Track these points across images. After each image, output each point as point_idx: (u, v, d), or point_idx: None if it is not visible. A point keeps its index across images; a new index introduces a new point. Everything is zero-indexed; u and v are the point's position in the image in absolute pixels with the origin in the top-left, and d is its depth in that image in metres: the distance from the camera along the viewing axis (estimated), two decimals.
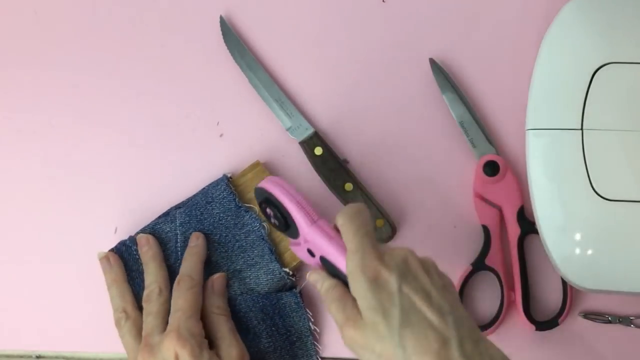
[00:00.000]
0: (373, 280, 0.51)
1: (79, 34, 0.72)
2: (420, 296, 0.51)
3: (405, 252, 0.53)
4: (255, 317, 0.64)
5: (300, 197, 0.58)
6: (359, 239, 0.53)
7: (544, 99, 0.63)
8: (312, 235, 0.57)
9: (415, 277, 0.52)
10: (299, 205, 0.57)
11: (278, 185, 0.58)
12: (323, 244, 0.56)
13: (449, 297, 0.52)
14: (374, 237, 0.54)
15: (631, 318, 0.65)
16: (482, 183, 0.66)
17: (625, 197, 0.60)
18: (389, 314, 0.50)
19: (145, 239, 0.65)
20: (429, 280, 0.52)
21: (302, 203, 0.58)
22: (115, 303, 0.64)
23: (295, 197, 0.58)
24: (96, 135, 0.71)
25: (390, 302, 0.51)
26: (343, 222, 0.55)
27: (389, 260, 0.52)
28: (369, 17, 0.70)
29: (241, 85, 0.70)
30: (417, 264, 0.53)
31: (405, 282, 0.51)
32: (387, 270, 0.51)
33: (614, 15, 0.63)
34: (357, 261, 0.52)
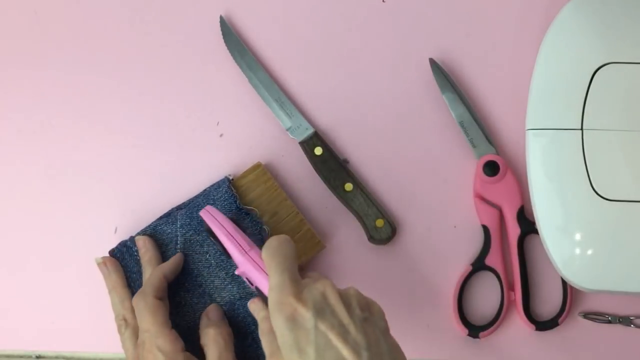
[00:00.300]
0: (290, 318, 0.51)
1: (79, 34, 0.72)
2: (336, 332, 0.50)
3: (324, 286, 0.53)
4: (253, 322, 0.64)
5: (231, 228, 0.59)
6: (278, 275, 0.53)
7: (544, 99, 0.63)
8: (244, 266, 0.58)
9: (333, 312, 0.51)
10: (229, 236, 0.59)
11: (211, 216, 0.60)
12: (254, 275, 0.58)
13: (369, 330, 0.51)
14: (295, 271, 0.54)
15: (631, 318, 0.65)
16: (482, 183, 0.66)
17: (625, 197, 0.60)
18: (305, 352, 0.50)
19: (143, 241, 0.65)
20: (347, 315, 0.51)
21: (233, 233, 0.59)
22: (115, 310, 0.64)
23: (226, 227, 0.59)
24: (96, 135, 0.71)
25: (306, 340, 0.50)
26: (265, 257, 0.55)
27: (307, 296, 0.52)
28: (369, 17, 0.70)
29: (241, 85, 0.70)
30: (335, 298, 0.52)
31: (322, 319, 0.51)
32: (304, 307, 0.51)
33: (614, 15, 0.63)
34: (275, 298, 0.52)
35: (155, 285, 0.61)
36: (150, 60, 0.71)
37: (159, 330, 0.59)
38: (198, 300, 0.64)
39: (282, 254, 0.55)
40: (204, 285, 0.64)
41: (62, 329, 0.69)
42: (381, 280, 0.67)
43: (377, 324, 0.52)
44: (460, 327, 0.66)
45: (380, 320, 0.53)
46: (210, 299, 0.64)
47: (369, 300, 0.54)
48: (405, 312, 0.67)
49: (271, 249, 0.55)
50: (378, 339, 0.51)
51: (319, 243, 0.66)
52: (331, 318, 0.51)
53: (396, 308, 0.67)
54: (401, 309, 0.67)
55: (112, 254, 0.66)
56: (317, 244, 0.66)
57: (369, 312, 0.53)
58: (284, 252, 0.55)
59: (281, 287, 0.52)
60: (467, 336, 0.65)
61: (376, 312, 0.53)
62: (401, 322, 0.66)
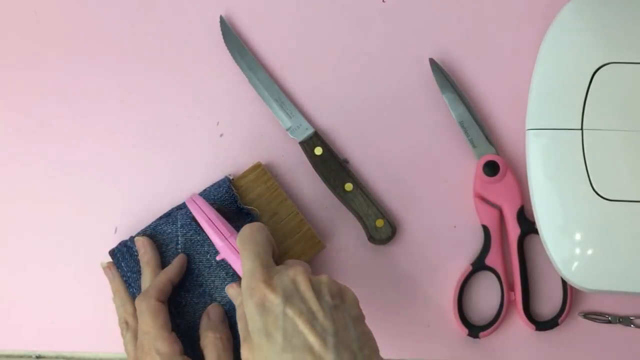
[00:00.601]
0: (259, 303, 0.52)
1: (79, 34, 0.72)
2: (304, 318, 0.51)
3: (296, 272, 0.53)
4: None
5: (213, 215, 0.60)
6: (250, 261, 0.54)
7: (544, 99, 0.63)
8: (224, 251, 0.59)
9: (302, 298, 0.52)
10: (210, 222, 0.60)
11: (194, 203, 0.61)
12: (232, 261, 0.59)
13: (338, 317, 0.52)
14: (267, 257, 0.55)
15: (631, 318, 0.65)
16: (482, 183, 0.66)
17: (625, 197, 0.60)
18: (273, 337, 0.51)
19: (141, 242, 0.65)
20: (316, 301, 0.52)
21: (214, 220, 0.60)
22: (118, 313, 0.64)
23: (208, 214, 0.61)
24: (96, 135, 0.71)
25: (274, 325, 0.51)
26: (238, 245, 0.56)
27: (277, 282, 0.53)
28: (369, 17, 0.70)
29: (241, 85, 0.70)
30: (306, 284, 0.53)
31: (290, 305, 0.52)
32: (273, 292, 0.52)
33: (614, 15, 0.63)
34: (246, 284, 0.53)
35: (159, 288, 0.61)
36: (150, 60, 0.71)
37: (159, 333, 0.59)
38: (198, 300, 0.64)
39: (254, 241, 0.55)
40: (205, 285, 0.64)
41: (62, 329, 0.69)
42: (381, 280, 0.67)
43: (348, 311, 0.53)
44: (460, 327, 0.66)
45: (353, 308, 0.53)
46: (210, 299, 0.64)
47: (342, 288, 0.54)
48: (405, 312, 0.67)
49: (244, 236, 0.56)
50: (347, 326, 0.52)
51: (319, 243, 0.66)
52: (300, 304, 0.52)
53: (396, 308, 0.67)
54: (401, 309, 0.67)
55: (112, 254, 0.66)
56: (317, 244, 0.66)
57: (340, 299, 0.53)
58: (256, 239, 0.56)
59: (252, 272, 0.53)
60: (467, 336, 0.65)
61: (348, 300, 0.54)
62: (401, 322, 0.66)
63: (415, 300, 0.67)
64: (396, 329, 0.67)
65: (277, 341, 0.51)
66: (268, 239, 0.57)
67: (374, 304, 0.67)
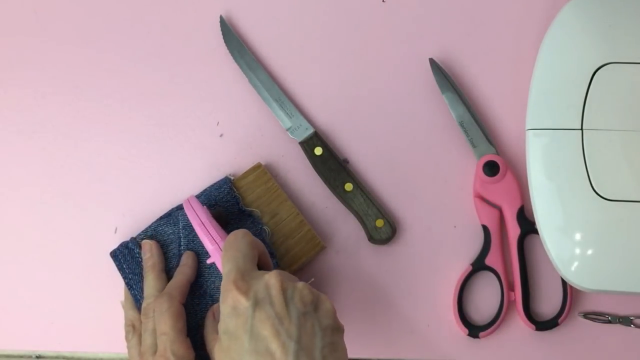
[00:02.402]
0: (231, 305, 0.53)
1: (79, 33, 0.72)
2: (270, 323, 0.52)
3: (270, 278, 0.54)
4: None
5: (205, 218, 0.61)
6: (227, 266, 0.55)
7: (544, 99, 0.63)
8: (213, 255, 0.60)
9: (272, 303, 0.53)
10: (201, 226, 0.60)
11: (189, 205, 0.62)
12: (219, 265, 0.59)
13: (307, 324, 0.52)
14: (245, 263, 0.55)
15: (631, 318, 0.65)
16: (482, 183, 0.66)
17: (625, 197, 0.60)
18: (240, 340, 0.52)
19: (149, 245, 0.65)
20: (284, 307, 0.52)
21: (206, 223, 0.60)
22: (126, 315, 0.64)
23: (200, 217, 0.61)
24: (96, 135, 0.71)
25: (243, 328, 0.52)
26: (222, 250, 0.57)
27: (250, 286, 0.53)
28: (369, 17, 0.70)
29: (241, 85, 0.70)
30: (277, 289, 0.53)
31: (259, 309, 0.52)
32: (244, 296, 0.53)
33: (614, 15, 0.63)
34: (222, 287, 0.54)
35: (182, 291, 0.62)
36: (150, 60, 0.71)
37: (177, 336, 0.59)
38: (199, 300, 0.64)
39: (235, 247, 0.56)
40: (205, 286, 0.64)
41: (62, 329, 0.69)
42: (381, 280, 0.67)
43: (319, 320, 0.53)
44: (460, 327, 0.66)
45: (325, 318, 0.54)
46: (211, 300, 0.64)
47: (318, 296, 0.55)
48: (405, 312, 0.67)
49: (227, 243, 0.57)
50: (314, 334, 0.52)
51: (319, 244, 0.66)
52: (269, 309, 0.52)
53: (396, 308, 0.67)
54: (401, 309, 0.67)
55: (113, 256, 0.66)
56: (318, 244, 0.66)
57: (313, 307, 0.54)
58: (237, 246, 0.56)
59: (227, 276, 0.54)
60: (467, 336, 0.65)
61: (323, 309, 0.54)
62: (401, 322, 0.66)
63: (415, 300, 0.67)
64: (396, 329, 0.67)
65: (242, 344, 0.52)
66: (250, 245, 0.57)
67: (374, 304, 0.67)
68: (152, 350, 0.60)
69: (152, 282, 0.63)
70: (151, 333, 0.60)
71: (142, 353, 0.60)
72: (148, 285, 0.63)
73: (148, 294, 0.63)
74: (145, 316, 0.61)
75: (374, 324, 0.67)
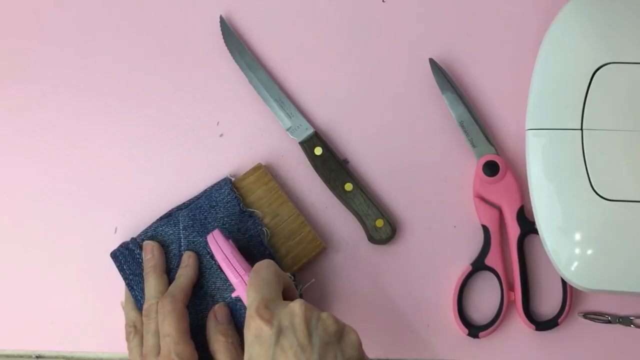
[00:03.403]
0: (256, 334, 0.53)
1: (79, 34, 0.72)
2: (292, 351, 0.52)
3: (295, 307, 0.54)
4: None
5: (229, 251, 0.61)
6: (252, 295, 0.56)
7: (544, 99, 0.63)
8: (238, 288, 0.60)
9: (295, 331, 0.53)
10: (226, 260, 0.60)
11: (213, 239, 0.61)
12: (244, 298, 0.59)
13: (329, 354, 0.52)
14: (270, 292, 0.56)
15: (631, 318, 0.65)
16: (482, 183, 0.66)
17: (625, 197, 0.60)
18: None
19: (151, 247, 0.65)
20: (307, 336, 0.53)
21: (230, 257, 0.60)
22: (127, 316, 0.64)
23: (224, 251, 0.61)
24: (96, 135, 0.71)
25: (265, 355, 0.52)
26: (248, 281, 0.58)
27: (278, 315, 0.54)
28: (368, 17, 0.70)
29: (241, 85, 0.70)
30: (301, 318, 0.53)
31: (283, 337, 0.53)
32: (268, 325, 0.53)
33: (614, 15, 0.63)
34: (247, 316, 0.55)
35: (185, 292, 0.62)
36: (150, 60, 0.71)
37: (182, 337, 0.59)
38: (200, 301, 0.64)
39: (260, 276, 0.57)
40: (206, 286, 0.64)
41: (62, 329, 0.69)
42: (381, 280, 0.67)
43: (343, 350, 0.53)
44: (460, 327, 0.66)
45: (350, 349, 0.53)
46: (212, 300, 0.64)
47: (345, 328, 0.54)
48: (405, 312, 0.67)
49: (253, 272, 0.58)
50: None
51: (320, 245, 0.66)
52: (292, 337, 0.53)
53: (396, 308, 0.67)
54: (401, 309, 0.67)
55: (114, 256, 0.66)
56: (318, 245, 0.66)
57: (338, 337, 0.54)
58: (262, 275, 0.57)
59: (251, 306, 0.55)
60: (467, 336, 0.65)
61: (348, 340, 0.54)
62: (401, 322, 0.66)
63: (415, 299, 0.67)
64: (396, 329, 0.67)
65: None
66: (275, 275, 0.58)
67: (373, 304, 0.67)
68: (155, 351, 0.60)
69: (153, 283, 0.63)
70: (153, 334, 0.60)
71: (145, 354, 0.60)
72: (149, 286, 0.63)
73: (149, 295, 0.62)
74: (147, 317, 0.61)
75: (374, 324, 0.67)
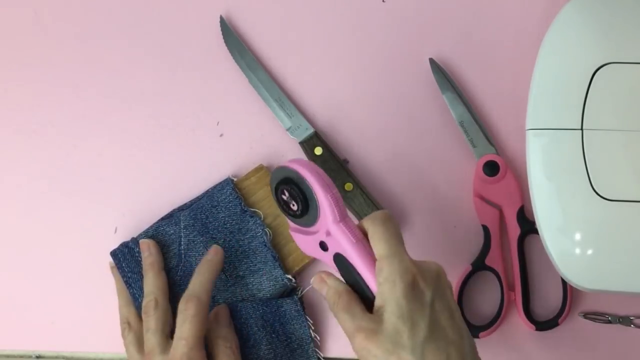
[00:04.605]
0: (410, 287, 0.51)
1: (79, 34, 0.72)
2: (446, 315, 0.51)
3: (438, 267, 0.53)
4: (255, 324, 0.64)
5: (336, 190, 0.55)
6: (394, 244, 0.53)
7: (544, 99, 0.63)
8: (338, 231, 0.54)
9: (443, 294, 0.52)
10: (334, 198, 0.54)
11: (314, 169, 0.55)
12: (347, 243, 0.54)
13: (463, 321, 0.53)
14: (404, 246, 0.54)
15: (631, 318, 0.65)
16: (482, 183, 0.66)
17: (625, 197, 0.60)
18: (417, 325, 0.50)
19: (147, 245, 0.65)
20: (453, 301, 0.52)
21: (337, 196, 0.55)
22: (121, 312, 0.64)
23: (331, 188, 0.55)
24: (96, 135, 0.71)
25: (421, 314, 0.50)
26: (375, 227, 0.54)
27: (425, 271, 0.52)
28: (369, 17, 0.70)
29: (241, 85, 0.70)
30: (447, 282, 0.53)
31: (438, 298, 0.51)
32: (424, 281, 0.51)
33: (614, 15, 0.63)
34: (396, 265, 0.51)
35: (209, 293, 0.60)
36: (151, 60, 0.71)
37: (197, 344, 0.58)
38: None
39: (393, 226, 0.54)
40: None
41: (62, 329, 0.69)
42: None
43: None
44: None
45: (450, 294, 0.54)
46: (212, 301, 0.64)
47: None
48: None
49: (381, 219, 0.54)
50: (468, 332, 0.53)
51: None
52: (444, 299, 0.52)
53: None
54: None
55: (113, 255, 0.66)
56: None
57: None
58: (394, 225, 0.54)
59: (401, 256, 0.52)
60: None
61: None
62: None
63: None
64: None
65: (421, 329, 0.50)
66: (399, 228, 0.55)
67: None
68: (160, 348, 0.59)
69: (151, 280, 0.63)
70: (154, 332, 0.60)
71: (148, 352, 0.60)
72: (148, 282, 0.63)
73: (148, 291, 0.62)
74: (146, 314, 0.61)
75: None
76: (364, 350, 0.51)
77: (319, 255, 0.57)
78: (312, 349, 0.65)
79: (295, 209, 0.56)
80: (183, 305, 0.59)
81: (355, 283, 0.54)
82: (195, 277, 0.61)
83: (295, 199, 0.56)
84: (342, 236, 0.54)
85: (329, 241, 0.55)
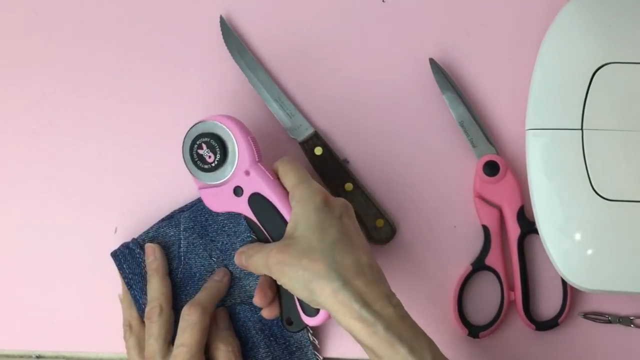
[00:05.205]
0: (322, 202, 0.56)
1: (79, 33, 0.72)
2: (354, 230, 0.57)
3: (344, 200, 0.59)
4: (253, 327, 0.64)
5: (251, 134, 0.62)
6: (303, 174, 0.59)
7: (544, 99, 0.63)
8: (258, 170, 0.60)
9: (351, 215, 0.58)
10: (253, 140, 0.61)
11: (230, 117, 0.61)
12: (266, 179, 0.60)
13: None
14: None
15: (631, 318, 0.65)
16: (482, 183, 0.66)
17: (625, 197, 0.60)
18: (326, 231, 0.55)
19: (152, 249, 0.65)
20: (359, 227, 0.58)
21: (254, 138, 0.61)
22: (124, 315, 0.64)
23: (249, 132, 0.61)
24: (96, 135, 0.71)
25: (330, 222, 0.55)
26: (284, 164, 0.60)
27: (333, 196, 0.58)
28: (369, 16, 0.70)
29: (241, 85, 0.70)
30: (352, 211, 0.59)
31: (346, 215, 0.57)
32: (334, 201, 0.57)
33: (614, 15, 0.63)
34: (306, 189, 0.57)
35: (213, 307, 0.62)
36: (150, 60, 0.71)
37: (198, 352, 0.59)
38: None
39: (300, 164, 0.60)
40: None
41: (62, 329, 0.69)
42: None
43: None
44: (460, 327, 0.66)
45: None
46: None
47: None
48: None
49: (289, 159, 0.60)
50: None
51: None
52: (351, 219, 0.58)
53: None
54: None
55: (114, 256, 0.66)
56: None
57: None
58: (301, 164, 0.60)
59: (310, 181, 0.58)
60: (467, 336, 0.65)
61: None
62: None
63: (415, 300, 0.66)
64: None
65: (330, 234, 0.55)
66: None
67: None
68: (161, 354, 0.59)
69: (156, 285, 0.63)
70: (156, 338, 0.60)
71: (148, 358, 0.60)
72: (152, 288, 0.63)
73: (152, 297, 0.62)
74: (149, 320, 0.61)
75: None
76: (278, 264, 0.55)
77: (231, 205, 0.61)
78: (311, 351, 0.65)
79: (211, 161, 0.61)
80: (187, 311, 0.60)
81: (271, 219, 0.59)
82: (203, 290, 0.63)
83: (213, 150, 0.61)
84: (262, 174, 0.60)
85: (246, 183, 0.60)
